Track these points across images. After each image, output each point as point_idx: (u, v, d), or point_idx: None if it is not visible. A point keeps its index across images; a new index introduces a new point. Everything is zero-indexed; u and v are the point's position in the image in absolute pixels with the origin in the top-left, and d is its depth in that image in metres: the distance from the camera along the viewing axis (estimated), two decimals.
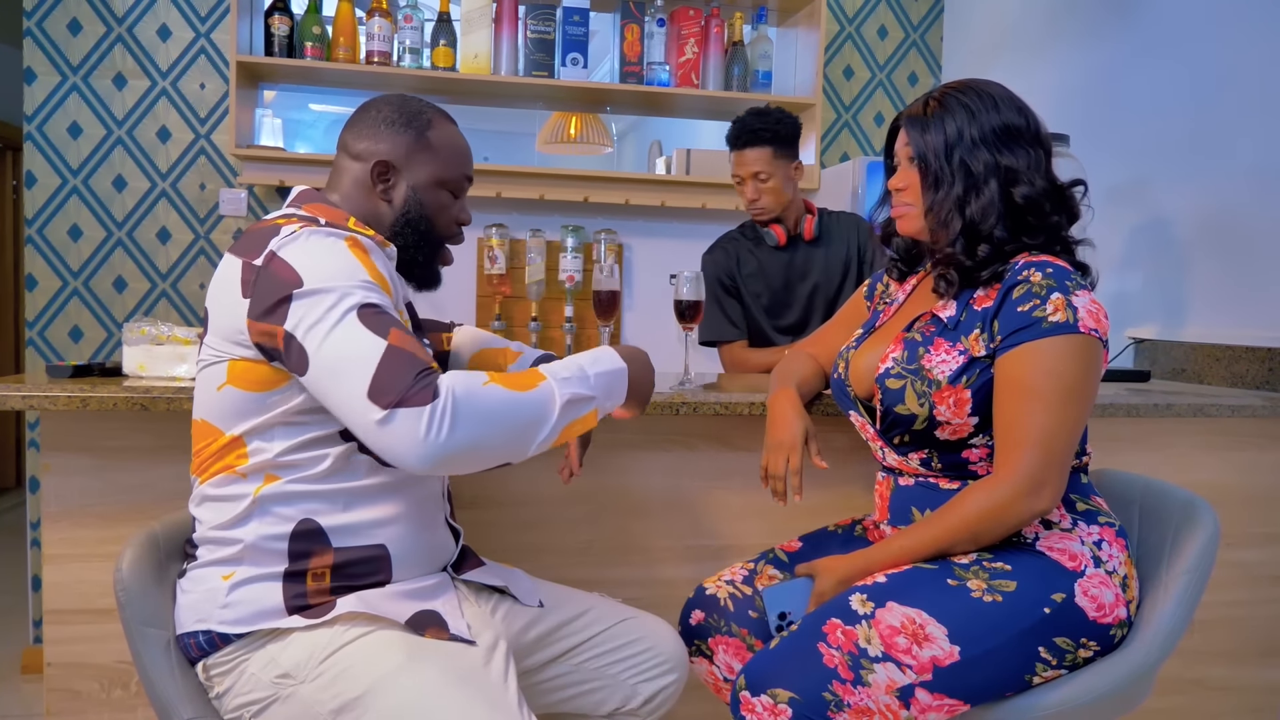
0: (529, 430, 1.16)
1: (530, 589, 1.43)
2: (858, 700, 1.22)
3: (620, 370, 1.27)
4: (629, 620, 1.43)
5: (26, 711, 2.69)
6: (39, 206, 2.94)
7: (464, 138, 1.43)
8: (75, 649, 1.60)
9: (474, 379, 1.13)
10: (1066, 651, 1.27)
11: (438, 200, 1.38)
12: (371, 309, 1.14)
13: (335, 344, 1.11)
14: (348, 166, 1.37)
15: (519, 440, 1.15)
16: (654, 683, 1.41)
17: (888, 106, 3.52)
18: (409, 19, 2.86)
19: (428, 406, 1.07)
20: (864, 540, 1.52)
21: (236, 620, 1.20)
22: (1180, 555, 1.36)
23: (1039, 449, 1.26)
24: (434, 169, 1.37)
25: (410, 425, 1.06)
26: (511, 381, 1.16)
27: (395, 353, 1.10)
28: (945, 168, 1.37)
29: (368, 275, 1.18)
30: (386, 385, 1.07)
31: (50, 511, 1.59)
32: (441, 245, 1.42)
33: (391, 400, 1.06)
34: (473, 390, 1.11)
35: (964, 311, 1.38)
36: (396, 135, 1.35)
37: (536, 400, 1.16)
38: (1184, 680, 2.01)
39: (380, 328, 1.12)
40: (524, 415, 1.15)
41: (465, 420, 1.09)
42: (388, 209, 1.36)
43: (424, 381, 1.08)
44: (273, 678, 1.18)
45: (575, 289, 3.12)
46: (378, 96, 1.41)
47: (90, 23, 2.94)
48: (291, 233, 1.19)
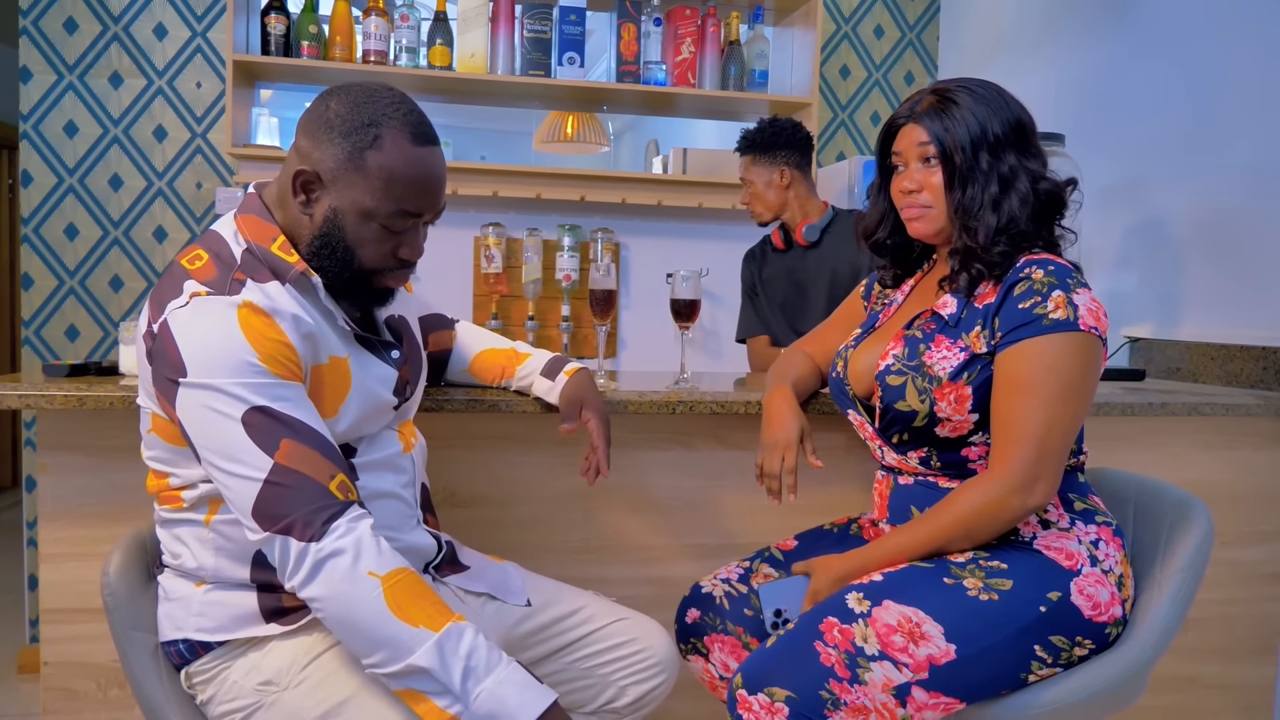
0: (366, 648, 1.06)
1: (519, 587, 1.42)
2: (854, 699, 1.22)
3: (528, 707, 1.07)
4: (623, 620, 1.42)
5: (23, 711, 2.69)
6: (35, 205, 2.94)
7: (427, 165, 1.18)
8: (72, 648, 1.60)
9: (378, 560, 1.05)
10: (1062, 650, 1.27)
11: (361, 232, 1.17)
12: (258, 414, 1.06)
13: (221, 447, 1.07)
14: (289, 160, 1.21)
15: (354, 643, 1.08)
16: (643, 684, 1.40)
17: (884, 106, 3.53)
18: (405, 18, 2.86)
19: (304, 545, 1.03)
20: (859, 539, 1.53)
21: (214, 628, 1.19)
22: (1174, 554, 1.36)
23: (1034, 445, 1.26)
24: (360, 196, 1.15)
25: (282, 556, 1.05)
26: (403, 597, 1.05)
27: (282, 474, 1.05)
28: (975, 166, 1.35)
29: (256, 359, 1.08)
30: (271, 511, 1.04)
31: (47, 511, 1.59)
32: (367, 276, 1.21)
33: (274, 525, 1.04)
34: (354, 571, 1.04)
35: (965, 309, 1.38)
36: (333, 144, 1.16)
37: (394, 637, 1.04)
38: (1178, 678, 2.02)
39: (269, 441, 1.05)
40: (370, 634, 1.05)
41: (326, 586, 1.04)
42: (307, 223, 1.19)
43: (315, 518, 1.03)
44: (255, 685, 1.18)
45: (572, 288, 3.12)
46: (345, 85, 1.21)
47: (86, 21, 2.94)
48: (184, 304, 1.11)
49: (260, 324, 1.11)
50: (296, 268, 1.19)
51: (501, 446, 1.74)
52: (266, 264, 1.18)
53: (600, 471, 1.47)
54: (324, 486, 1.06)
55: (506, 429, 1.73)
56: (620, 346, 3.24)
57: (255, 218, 1.22)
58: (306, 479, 1.05)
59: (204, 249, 1.19)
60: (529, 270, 3.10)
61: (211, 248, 1.19)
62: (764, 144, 2.47)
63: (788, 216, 2.52)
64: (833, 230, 2.53)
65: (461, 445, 1.69)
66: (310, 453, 1.07)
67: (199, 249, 1.19)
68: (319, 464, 1.07)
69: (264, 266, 1.18)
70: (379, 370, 1.28)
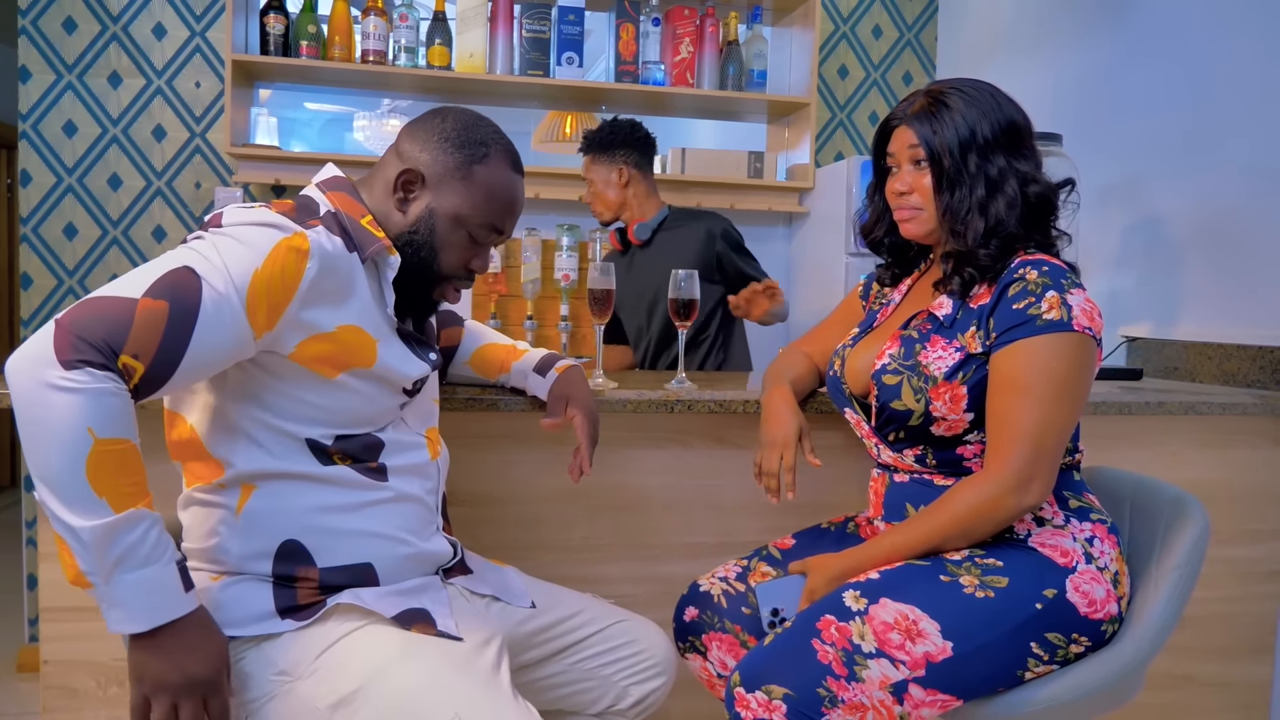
0: (43, 480, 1.00)
1: (522, 590, 1.42)
2: (852, 696, 1.23)
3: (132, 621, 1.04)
4: (622, 622, 1.44)
5: (22, 709, 2.69)
6: (34, 205, 2.94)
7: (519, 190, 1.33)
8: (72, 646, 1.60)
9: (105, 422, 0.99)
10: (1058, 647, 1.28)
11: (450, 235, 1.28)
12: (187, 277, 1.06)
13: (144, 264, 1.08)
14: (389, 160, 1.31)
15: (35, 466, 1.00)
16: (645, 685, 1.42)
17: (882, 106, 3.53)
18: (404, 18, 2.86)
19: (53, 357, 0.97)
20: (857, 537, 1.53)
21: (228, 622, 1.18)
22: (1170, 551, 1.37)
23: (1029, 445, 1.26)
24: (461, 203, 1.28)
25: (38, 344, 0.99)
26: (111, 470, 1.00)
27: (125, 309, 1.02)
28: (963, 168, 1.36)
29: (249, 278, 1.09)
30: (83, 315, 1.00)
31: None
32: (438, 281, 1.31)
33: (64, 322, 0.99)
34: (73, 422, 0.98)
35: (960, 309, 1.38)
36: (444, 153, 1.28)
37: (76, 498, 0.99)
38: (1175, 676, 2.03)
39: (161, 290, 1.04)
40: (56, 480, 0.99)
41: (42, 408, 0.98)
42: (400, 218, 1.28)
43: (86, 355, 0.98)
44: (270, 675, 1.18)
45: (571, 287, 3.12)
46: (458, 107, 1.34)
47: (85, 21, 2.94)
48: (250, 207, 1.17)
49: (290, 262, 1.13)
50: (383, 243, 1.24)
51: (500, 445, 1.74)
52: (354, 234, 1.23)
53: (583, 469, 1.48)
54: (119, 350, 1.01)
55: (505, 428, 1.73)
56: None
57: (346, 195, 1.28)
58: (123, 332, 1.01)
59: (291, 200, 1.24)
60: (528, 270, 3.11)
61: (300, 201, 1.24)
62: (603, 143, 2.54)
63: (626, 216, 2.58)
64: (665, 229, 2.57)
65: (461, 444, 1.69)
66: (158, 331, 1.03)
67: (284, 200, 1.23)
68: (146, 341, 1.03)
69: (345, 233, 1.22)
70: (409, 364, 1.29)
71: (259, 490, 1.20)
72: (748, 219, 3.32)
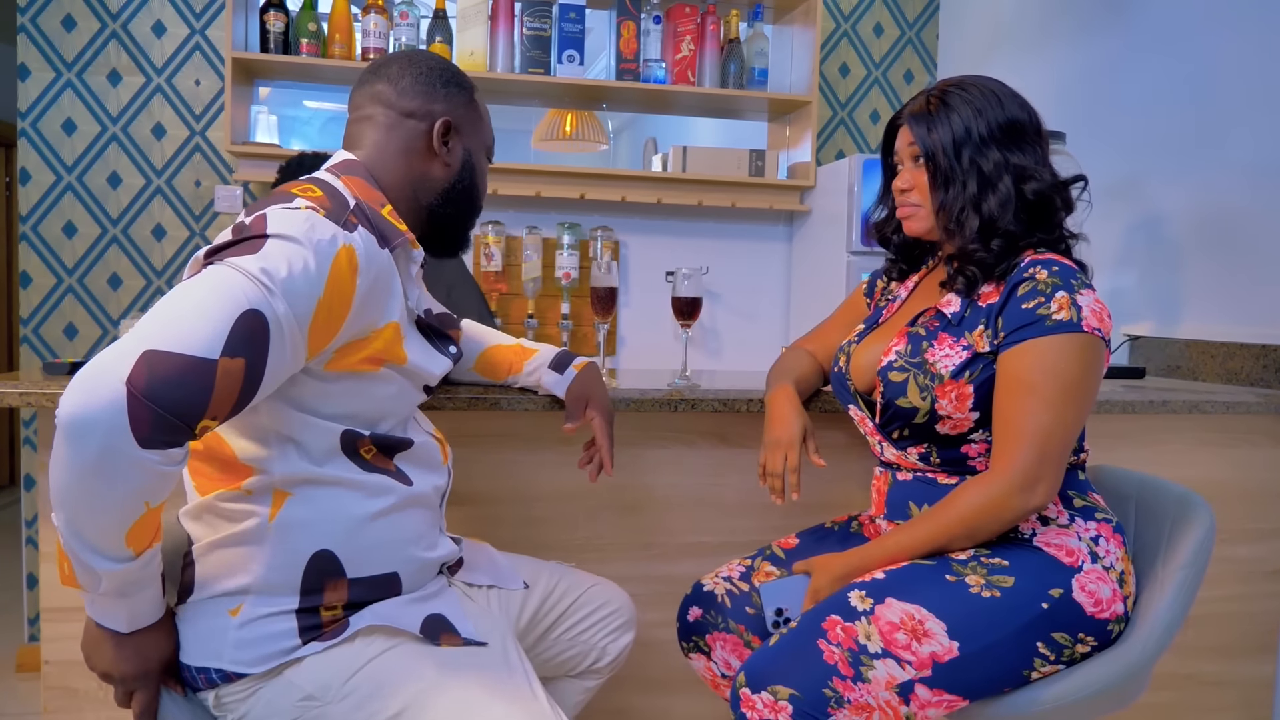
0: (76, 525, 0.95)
1: (511, 571, 1.45)
2: (858, 696, 1.22)
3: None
4: (594, 586, 1.51)
5: (22, 709, 2.68)
6: (33, 203, 2.93)
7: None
8: (72, 646, 1.57)
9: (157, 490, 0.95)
10: (1064, 647, 1.27)
11: (484, 167, 1.36)
12: (259, 324, 0.97)
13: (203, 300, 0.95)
14: (393, 124, 1.26)
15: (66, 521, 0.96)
16: (619, 641, 1.50)
17: (884, 104, 3.53)
18: (405, 15, 2.85)
19: (129, 432, 0.88)
20: (860, 536, 1.53)
21: (252, 660, 1.14)
22: (1176, 551, 1.37)
23: (1035, 446, 1.26)
24: (484, 135, 1.35)
25: (114, 410, 0.88)
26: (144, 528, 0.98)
27: (206, 373, 0.92)
28: (956, 166, 1.36)
29: (314, 308, 1.03)
30: (164, 377, 0.90)
31: (47, 509, 1.58)
32: (478, 212, 1.38)
33: (141, 388, 0.89)
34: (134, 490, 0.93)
35: (968, 307, 1.38)
36: (454, 94, 1.30)
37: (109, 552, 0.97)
38: (1178, 675, 2.02)
39: (238, 345, 0.95)
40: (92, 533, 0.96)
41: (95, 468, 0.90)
42: (445, 172, 1.29)
43: (161, 437, 0.90)
44: (295, 701, 1.14)
45: (571, 286, 3.12)
46: (410, 51, 1.34)
47: (84, 19, 2.93)
48: (293, 207, 1.07)
49: (345, 277, 1.07)
50: (406, 236, 1.22)
51: (504, 444, 1.74)
52: (376, 226, 1.16)
53: (604, 469, 1.49)
54: (200, 419, 0.94)
55: (509, 427, 1.73)
56: (620, 344, 3.24)
57: (362, 181, 1.22)
58: (204, 399, 0.93)
59: (314, 185, 1.14)
60: (528, 268, 3.10)
61: (324, 188, 1.14)
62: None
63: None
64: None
65: (464, 443, 1.69)
66: (237, 386, 0.96)
67: (308, 184, 1.15)
68: (225, 400, 0.96)
69: (373, 226, 1.15)
70: (434, 361, 1.27)
71: (295, 497, 1.14)
72: (749, 217, 3.32)
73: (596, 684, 1.52)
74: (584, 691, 1.51)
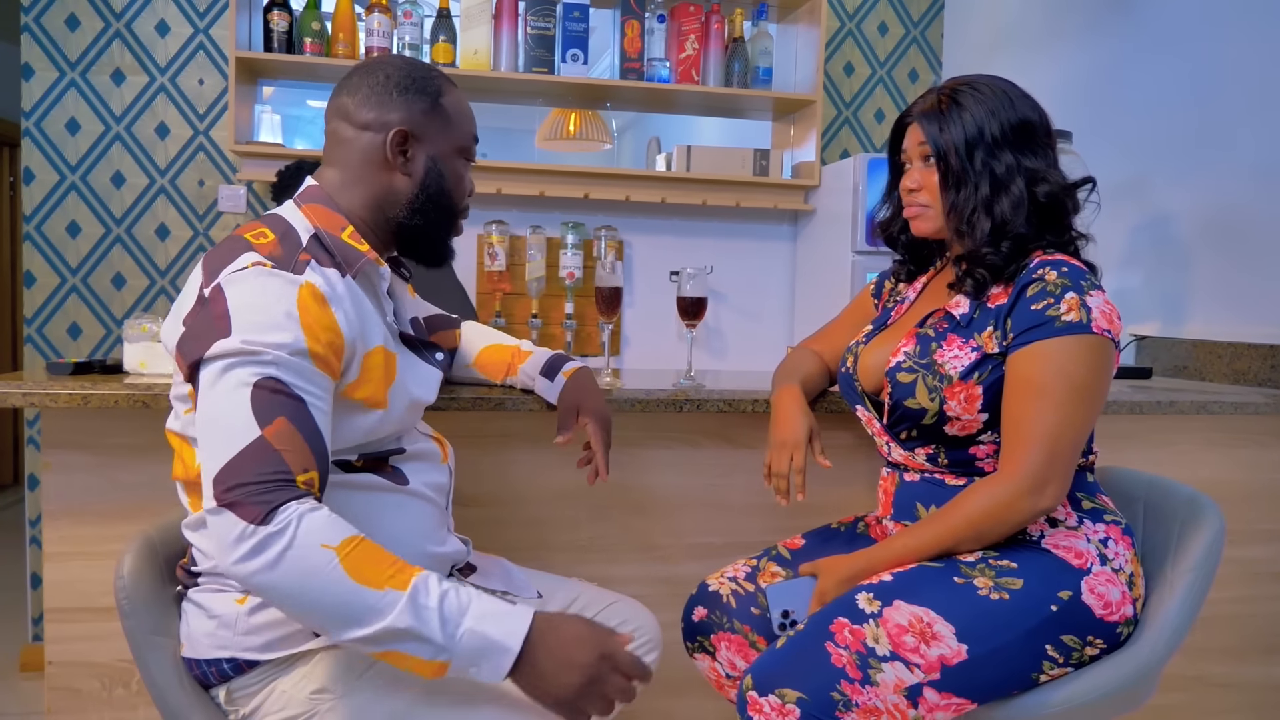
0: (336, 621, 0.99)
1: (524, 581, 1.44)
2: (866, 700, 1.21)
3: (503, 649, 1.01)
4: (615, 604, 1.47)
5: (25, 709, 2.68)
6: (37, 203, 2.93)
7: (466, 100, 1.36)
8: (76, 647, 1.59)
9: (323, 533, 0.98)
10: (1073, 649, 1.26)
11: (455, 169, 1.30)
12: (272, 385, 1.03)
13: (218, 407, 1.03)
14: (353, 139, 1.25)
15: (320, 621, 1.00)
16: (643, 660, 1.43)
17: (888, 103, 3.52)
18: (408, 15, 2.85)
19: (249, 526, 0.95)
20: (867, 538, 1.52)
21: (265, 646, 1.15)
22: (1186, 553, 1.36)
23: (1044, 447, 1.25)
24: (450, 136, 1.28)
25: (225, 532, 0.96)
26: (362, 563, 0.99)
27: (260, 447, 0.99)
28: (968, 167, 1.35)
29: (303, 342, 1.06)
30: (231, 477, 0.98)
31: (51, 509, 1.58)
32: (456, 218, 1.33)
33: (225, 496, 0.97)
34: (306, 546, 0.97)
35: (977, 308, 1.37)
36: (411, 101, 1.25)
37: (363, 603, 0.98)
38: (1186, 677, 2.01)
39: (266, 413, 1.01)
40: (338, 605, 0.98)
41: (276, 565, 0.96)
42: (407, 183, 1.26)
43: (267, 496, 0.97)
44: (308, 694, 1.15)
45: (575, 286, 3.11)
46: (376, 58, 1.31)
47: (88, 18, 2.93)
48: (242, 268, 1.09)
49: (316, 309, 1.10)
50: (368, 256, 1.21)
51: (507, 445, 1.73)
52: (336, 252, 1.18)
53: (600, 475, 1.46)
54: (291, 474, 1.00)
55: (512, 427, 1.72)
56: (624, 344, 3.23)
57: (322, 207, 1.23)
58: (280, 461, 0.99)
59: (268, 227, 1.18)
60: (532, 268, 3.09)
61: (277, 228, 1.18)
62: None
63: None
64: None
65: (467, 444, 1.68)
66: (298, 439, 1.02)
67: (263, 226, 1.18)
68: (300, 454, 1.01)
69: (329, 254, 1.18)
70: (423, 371, 1.31)
71: None
72: (753, 217, 3.31)
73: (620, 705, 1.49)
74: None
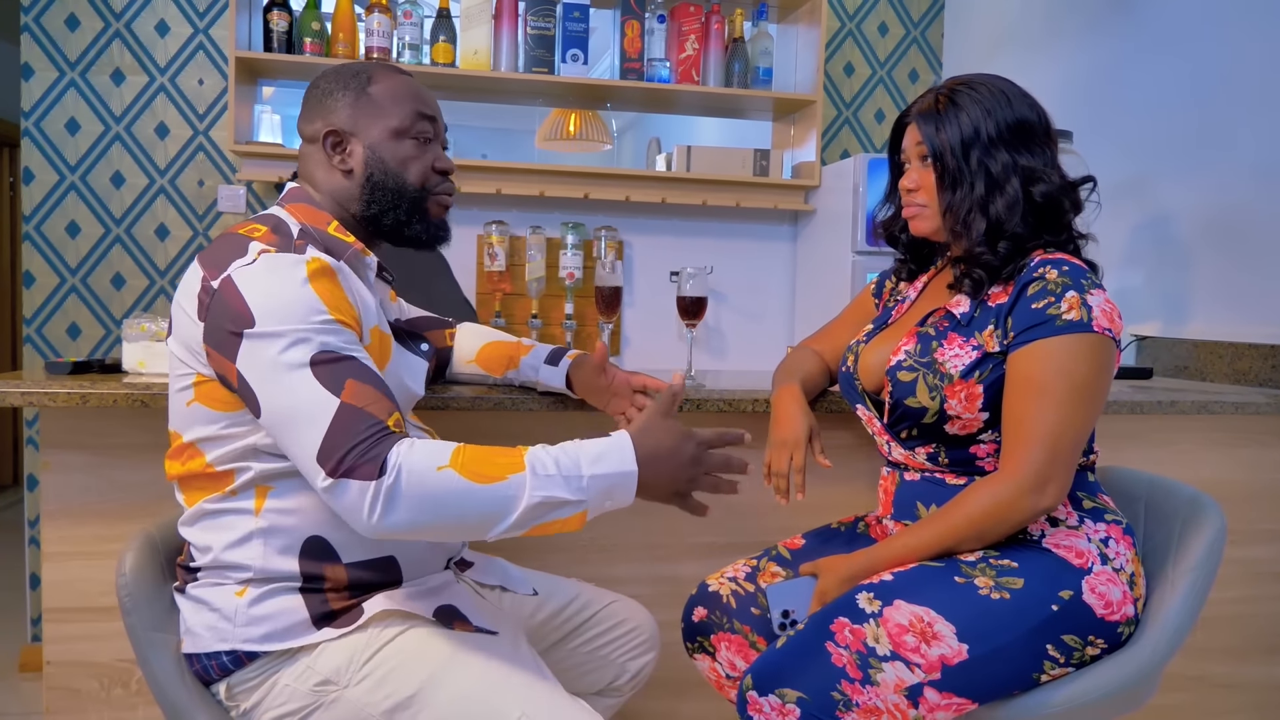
0: (482, 523, 1.06)
1: (521, 577, 1.46)
2: (866, 700, 1.21)
3: (627, 474, 1.11)
4: (614, 603, 1.50)
5: (24, 709, 2.68)
6: (36, 203, 2.93)
7: (413, 81, 1.33)
8: (75, 647, 1.59)
9: (432, 457, 1.05)
10: (1074, 649, 1.26)
11: (399, 152, 1.28)
12: (327, 357, 1.08)
13: (286, 396, 1.07)
14: (306, 152, 1.31)
15: (470, 530, 1.07)
16: (639, 660, 1.49)
17: (888, 103, 3.52)
18: (408, 15, 2.85)
19: (371, 483, 1.01)
20: (867, 538, 1.52)
21: (265, 637, 1.16)
22: (1187, 552, 1.35)
23: (1045, 446, 1.25)
24: (385, 120, 1.27)
25: (353, 499, 1.02)
26: (477, 465, 1.06)
27: (347, 412, 1.05)
28: (964, 167, 1.35)
29: (326, 311, 1.11)
30: (335, 450, 1.03)
31: (49, 509, 1.58)
32: (421, 199, 1.31)
33: (337, 469, 1.02)
34: (425, 474, 1.03)
35: (978, 307, 1.37)
36: (337, 99, 1.28)
37: (497, 496, 1.05)
38: (1187, 677, 2.01)
39: (335, 381, 1.07)
40: (478, 509, 1.05)
41: (408, 504, 1.02)
42: (350, 180, 1.28)
43: (375, 451, 1.03)
44: (311, 686, 1.16)
45: (575, 286, 3.11)
46: (322, 72, 1.34)
47: (88, 18, 2.93)
48: (251, 261, 1.13)
49: (327, 283, 1.14)
50: (354, 247, 1.25)
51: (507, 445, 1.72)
52: (324, 244, 1.22)
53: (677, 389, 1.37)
54: (384, 423, 1.06)
55: (512, 427, 1.72)
56: (623, 344, 3.23)
57: (306, 205, 1.28)
58: (370, 416, 1.05)
59: (260, 223, 1.22)
60: (532, 268, 3.09)
61: (269, 223, 1.22)
62: None
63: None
64: None
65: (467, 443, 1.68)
66: (370, 390, 1.08)
67: (254, 223, 1.22)
68: (380, 401, 1.08)
69: (321, 244, 1.21)
70: (411, 361, 1.35)
71: (275, 489, 1.18)
72: (753, 217, 3.31)
73: (617, 703, 1.50)
74: (605, 710, 1.49)
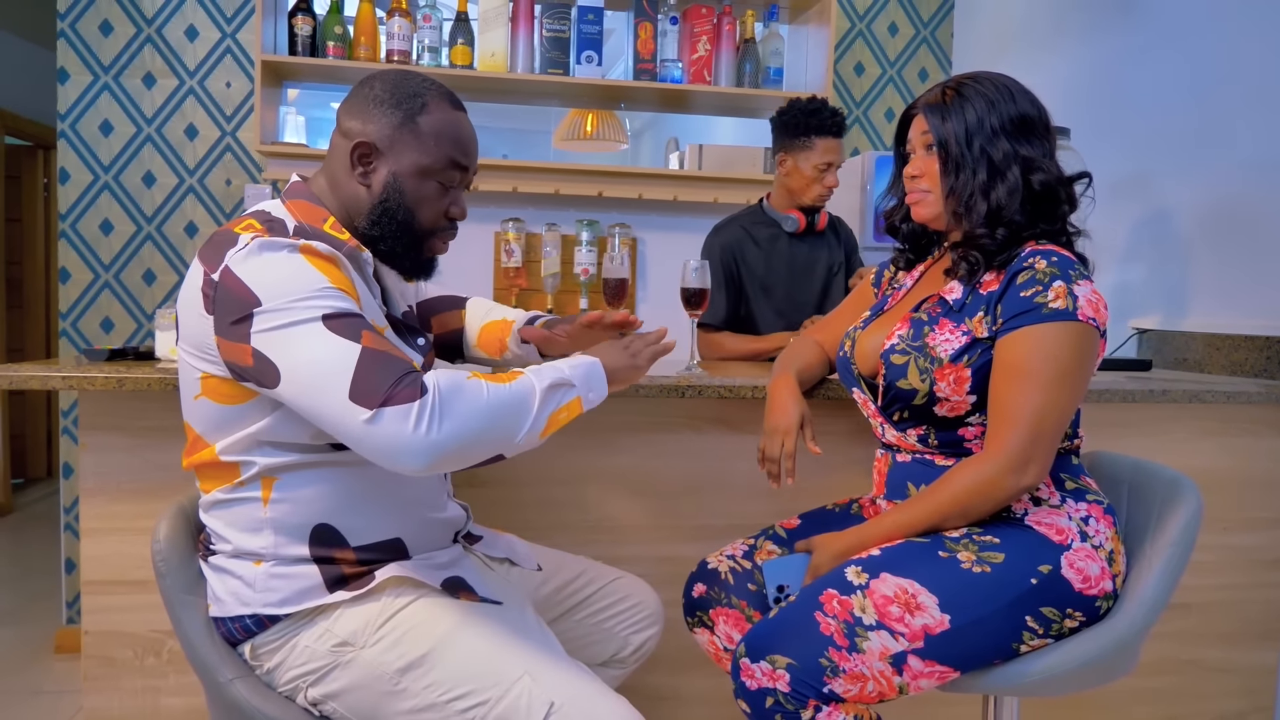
0: (514, 420, 1.15)
1: (528, 553, 1.52)
2: (852, 666, 1.27)
3: (592, 363, 1.27)
4: (619, 579, 1.58)
5: (60, 688, 2.79)
6: (71, 202, 3.04)
7: (467, 125, 1.33)
8: (111, 618, 1.68)
9: (457, 374, 1.12)
10: (1053, 621, 1.32)
11: (421, 191, 1.28)
12: (337, 315, 1.10)
13: (306, 353, 1.08)
14: (336, 143, 1.30)
15: (506, 431, 1.14)
16: (643, 633, 1.56)
17: (898, 102, 3.56)
18: (428, 18, 2.93)
19: (415, 402, 1.05)
20: (860, 518, 1.58)
21: (282, 601, 1.22)
22: (1165, 530, 1.40)
23: (1028, 428, 1.31)
24: (419, 156, 1.27)
25: (399, 423, 1.04)
26: (490, 379, 1.15)
27: (371, 355, 1.08)
28: (967, 154, 1.41)
29: (328, 282, 1.13)
30: (369, 386, 1.05)
31: (88, 487, 1.67)
32: (424, 238, 1.32)
33: (377, 399, 1.04)
34: (458, 384, 1.10)
35: (970, 294, 1.43)
36: (384, 115, 1.26)
37: (518, 391, 1.16)
38: (1179, 660, 2.06)
39: (352, 331, 1.09)
40: (508, 406, 1.14)
41: (454, 413, 1.07)
42: (366, 194, 1.28)
43: (408, 380, 1.07)
44: (330, 647, 1.23)
45: (590, 282, 3.18)
46: (383, 70, 1.33)
47: (121, 24, 3.03)
48: (243, 248, 1.14)
49: (323, 262, 1.16)
50: (349, 244, 1.26)
51: None
52: (319, 240, 1.23)
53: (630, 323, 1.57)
54: (406, 364, 1.10)
55: None
56: None
57: (304, 201, 1.29)
58: (393, 358, 1.09)
59: (253, 219, 1.24)
60: (548, 264, 3.17)
61: (262, 219, 1.24)
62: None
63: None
64: (839, 223, 2.69)
65: None
66: (385, 342, 1.12)
67: (249, 218, 1.24)
68: (398, 352, 1.12)
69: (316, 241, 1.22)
70: (408, 355, 1.34)
71: (280, 481, 1.22)
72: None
73: (621, 674, 1.56)
74: (609, 680, 1.54)
